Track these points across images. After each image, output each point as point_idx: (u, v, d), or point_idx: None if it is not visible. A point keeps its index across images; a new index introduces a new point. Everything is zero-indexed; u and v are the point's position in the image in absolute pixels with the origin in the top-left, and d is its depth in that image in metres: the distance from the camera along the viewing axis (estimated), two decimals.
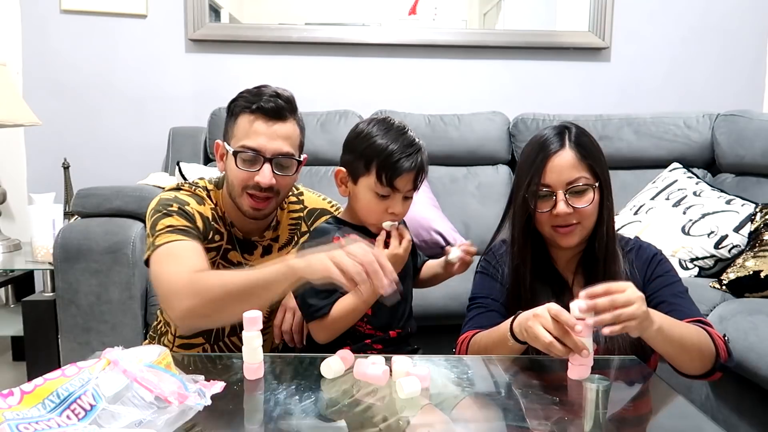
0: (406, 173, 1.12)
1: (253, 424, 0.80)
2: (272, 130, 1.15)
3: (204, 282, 1.03)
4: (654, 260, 1.18)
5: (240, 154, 1.15)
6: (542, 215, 1.13)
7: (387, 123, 1.15)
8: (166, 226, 1.12)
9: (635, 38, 2.66)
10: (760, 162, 2.10)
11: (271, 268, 1.00)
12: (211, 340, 1.27)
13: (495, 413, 0.86)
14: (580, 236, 1.13)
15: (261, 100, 1.15)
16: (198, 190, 1.23)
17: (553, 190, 1.11)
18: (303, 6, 2.63)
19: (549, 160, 1.11)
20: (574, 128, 1.14)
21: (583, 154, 1.11)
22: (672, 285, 1.15)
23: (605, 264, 1.14)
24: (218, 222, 1.23)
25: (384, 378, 0.90)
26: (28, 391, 0.72)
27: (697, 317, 1.09)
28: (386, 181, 1.11)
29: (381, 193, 1.13)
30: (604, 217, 1.13)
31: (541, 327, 0.93)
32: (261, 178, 1.14)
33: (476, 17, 2.71)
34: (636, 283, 1.13)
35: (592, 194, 1.11)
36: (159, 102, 2.57)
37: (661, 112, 2.45)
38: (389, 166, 1.11)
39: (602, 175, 1.13)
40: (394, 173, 1.11)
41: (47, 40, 2.51)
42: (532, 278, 1.16)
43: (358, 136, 1.16)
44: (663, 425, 0.88)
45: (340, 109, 2.46)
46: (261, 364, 0.93)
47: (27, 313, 1.85)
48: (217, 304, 1.01)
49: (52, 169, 2.47)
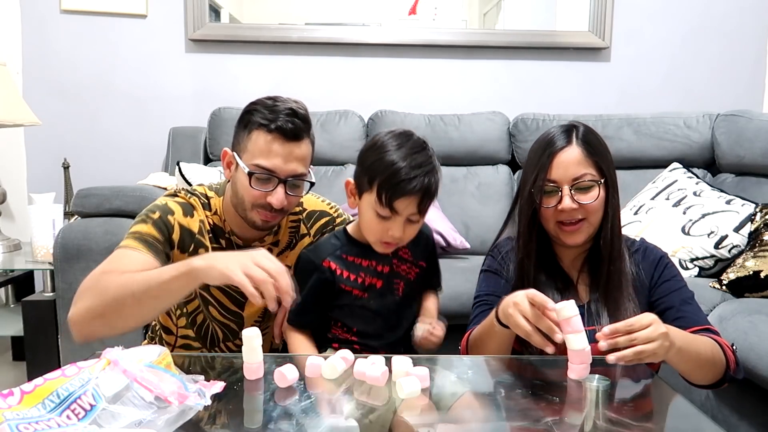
0: (407, 196, 1.05)
1: (253, 424, 0.80)
2: (288, 151, 1.13)
3: (106, 281, 1.01)
4: (661, 263, 1.17)
5: (255, 174, 1.13)
6: (547, 211, 1.13)
7: (403, 137, 1.09)
8: (135, 231, 1.12)
9: (635, 38, 2.66)
10: (760, 162, 2.10)
11: (170, 267, 0.99)
12: (207, 344, 1.27)
13: (495, 413, 0.86)
14: (586, 234, 1.14)
15: (278, 119, 1.11)
16: (193, 198, 1.21)
17: (558, 186, 1.11)
18: (303, 6, 2.63)
19: (555, 156, 1.11)
20: (582, 127, 1.15)
21: (589, 150, 1.12)
22: (679, 290, 1.14)
23: (610, 263, 1.13)
24: (209, 233, 1.21)
25: (383, 379, 0.90)
26: (28, 391, 0.72)
27: (705, 325, 1.09)
28: (386, 202, 1.05)
29: (381, 213, 1.07)
30: (609, 214, 1.13)
31: (520, 316, 0.94)
32: (274, 200, 1.13)
33: (476, 17, 2.71)
34: (641, 285, 1.14)
35: (597, 191, 1.11)
36: (159, 102, 2.58)
37: (661, 112, 2.45)
38: (390, 186, 1.04)
39: (608, 172, 1.13)
40: (394, 194, 1.04)
41: (47, 40, 2.51)
42: (537, 273, 1.16)
43: (371, 148, 1.11)
44: (663, 425, 0.87)
45: (340, 109, 2.46)
46: (261, 364, 0.93)
47: (27, 313, 1.86)
48: (113, 305, 0.99)
49: (52, 169, 2.47)
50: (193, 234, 1.19)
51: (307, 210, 1.35)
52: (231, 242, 1.24)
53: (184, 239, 1.18)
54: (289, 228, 1.32)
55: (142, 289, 0.97)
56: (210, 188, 1.26)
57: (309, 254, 1.18)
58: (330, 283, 1.15)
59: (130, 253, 1.09)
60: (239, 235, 1.24)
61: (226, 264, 0.93)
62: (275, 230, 1.29)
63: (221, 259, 0.95)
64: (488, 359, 1.05)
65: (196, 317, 1.26)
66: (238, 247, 1.24)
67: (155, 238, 1.12)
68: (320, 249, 1.18)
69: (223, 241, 1.23)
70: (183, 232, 1.17)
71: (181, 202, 1.20)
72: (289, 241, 1.31)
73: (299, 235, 1.33)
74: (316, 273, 1.15)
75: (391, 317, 1.19)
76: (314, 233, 1.34)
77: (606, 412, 0.85)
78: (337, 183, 2.37)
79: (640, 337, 0.89)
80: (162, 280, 0.97)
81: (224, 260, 0.94)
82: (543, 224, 1.16)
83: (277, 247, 1.30)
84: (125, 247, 1.10)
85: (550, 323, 0.92)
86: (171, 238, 1.16)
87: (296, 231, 1.32)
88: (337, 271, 1.15)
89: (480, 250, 2.06)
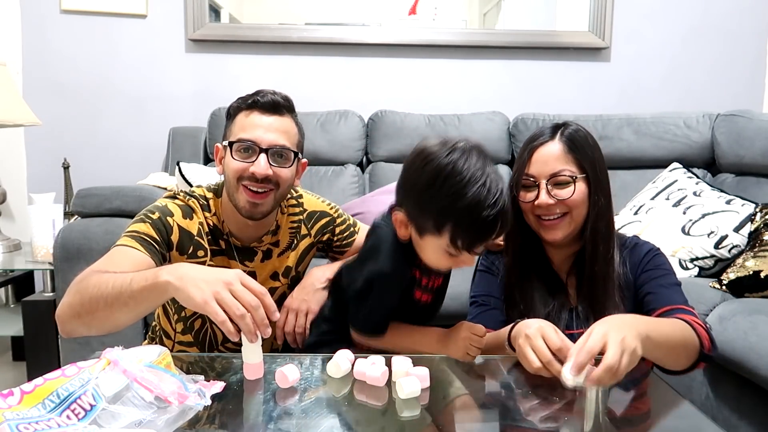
0: (488, 240, 0.96)
1: (253, 424, 0.80)
2: (268, 123, 1.15)
3: (88, 280, 0.98)
4: (647, 256, 1.16)
5: (235, 144, 1.15)
6: (526, 205, 1.14)
7: (462, 173, 0.92)
8: (134, 230, 1.12)
9: (635, 38, 2.66)
10: (760, 162, 2.10)
11: (143, 275, 0.92)
12: (205, 348, 1.27)
13: (495, 413, 0.86)
14: (566, 230, 1.13)
15: (257, 96, 1.16)
16: (192, 200, 1.21)
17: (536, 180, 1.12)
18: (303, 6, 2.63)
19: (535, 152, 1.12)
20: (572, 125, 1.15)
21: (570, 147, 1.11)
22: (660, 278, 1.12)
23: (593, 264, 1.12)
24: (208, 236, 1.21)
25: (383, 379, 0.90)
26: (28, 391, 0.72)
27: (680, 305, 1.07)
28: (463, 247, 0.94)
29: (453, 253, 0.96)
30: (590, 213, 1.12)
31: (530, 351, 0.91)
32: (256, 168, 1.13)
33: (476, 17, 2.71)
34: (627, 283, 1.12)
35: (574, 186, 1.10)
36: (159, 102, 2.58)
37: (661, 112, 2.45)
38: (469, 236, 0.93)
39: (591, 170, 1.12)
40: (474, 242, 0.94)
41: (47, 40, 2.51)
42: (526, 274, 1.16)
43: (429, 187, 0.93)
44: (663, 425, 0.87)
45: (340, 109, 2.46)
46: (261, 364, 0.92)
47: (27, 313, 1.86)
48: (88, 306, 0.96)
49: (52, 169, 2.47)
50: (192, 236, 1.19)
51: (308, 210, 1.35)
52: (229, 243, 1.24)
53: (183, 241, 1.17)
54: (290, 229, 1.32)
55: (114, 295, 0.93)
56: (209, 189, 1.26)
57: (400, 262, 1.03)
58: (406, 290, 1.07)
59: (126, 251, 1.08)
60: (237, 236, 1.24)
61: (197, 287, 0.85)
62: (274, 230, 1.29)
63: (192, 279, 0.87)
64: (488, 359, 1.05)
65: (193, 322, 1.25)
66: (236, 248, 1.24)
67: (152, 237, 1.12)
68: (402, 261, 1.04)
69: (222, 242, 1.23)
70: (182, 234, 1.17)
71: (180, 204, 1.20)
72: (289, 242, 1.31)
73: (300, 236, 1.33)
74: (403, 279, 1.04)
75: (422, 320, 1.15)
76: (315, 233, 1.35)
77: (606, 412, 0.85)
78: (337, 183, 2.38)
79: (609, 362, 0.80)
80: (132, 288, 0.91)
81: (195, 282, 0.86)
82: (525, 220, 1.16)
83: (278, 247, 1.30)
84: (121, 245, 1.10)
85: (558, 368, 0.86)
86: (170, 239, 1.15)
87: (297, 231, 1.32)
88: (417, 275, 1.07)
89: None
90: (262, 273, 1.27)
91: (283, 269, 1.30)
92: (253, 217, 1.18)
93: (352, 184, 2.39)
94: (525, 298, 1.16)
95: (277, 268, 1.29)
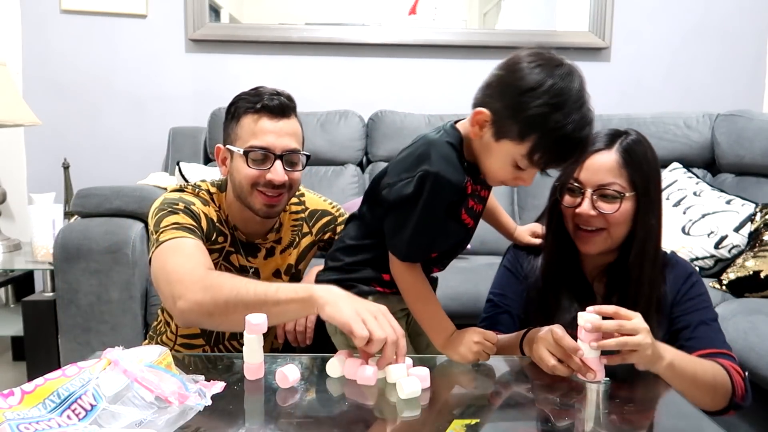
0: (564, 164, 0.96)
1: (253, 424, 0.80)
2: (279, 128, 1.15)
3: (218, 280, 1.01)
4: (689, 280, 1.11)
5: (250, 153, 1.14)
6: (567, 210, 1.10)
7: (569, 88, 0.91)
8: (172, 223, 1.11)
9: (635, 38, 2.66)
10: (760, 162, 2.10)
11: (290, 289, 0.97)
12: (211, 342, 1.27)
13: (495, 413, 0.86)
14: (602, 246, 1.08)
15: (263, 99, 1.14)
16: (201, 192, 1.22)
17: (582, 188, 1.07)
18: (303, 6, 2.63)
19: (590, 157, 1.06)
20: (633, 135, 1.08)
21: (626, 160, 1.04)
22: (701, 311, 1.09)
23: (641, 288, 1.06)
24: (222, 224, 1.23)
25: (373, 378, 0.90)
26: (28, 391, 0.72)
27: (717, 349, 1.05)
28: (538, 164, 0.93)
29: (522, 166, 0.94)
30: (639, 234, 1.06)
31: (545, 350, 0.94)
32: (274, 176, 1.13)
33: (476, 17, 2.71)
34: (664, 302, 1.09)
35: (620, 203, 1.04)
36: (159, 102, 2.58)
37: (661, 112, 2.45)
38: (553, 154, 0.91)
39: (642, 188, 1.05)
40: (552, 161, 0.93)
41: (47, 40, 2.51)
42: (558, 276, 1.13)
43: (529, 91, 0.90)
44: (663, 425, 0.87)
45: (340, 109, 2.46)
46: (261, 364, 0.92)
47: (27, 313, 1.85)
48: (224, 307, 0.98)
49: (52, 169, 2.47)
50: (213, 222, 1.20)
51: (309, 209, 1.35)
52: (234, 237, 1.24)
53: (210, 227, 1.18)
54: (292, 227, 1.32)
55: (256, 303, 0.96)
56: (212, 184, 1.27)
57: (456, 166, 0.98)
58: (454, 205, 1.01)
59: (188, 242, 1.08)
60: (242, 230, 1.25)
61: (348, 305, 0.91)
62: (277, 228, 1.30)
63: (344, 298, 0.93)
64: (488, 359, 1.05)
65: None
66: (241, 242, 1.25)
67: (192, 225, 1.12)
68: (457, 167, 0.98)
69: (228, 235, 1.24)
70: (208, 221, 1.18)
71: (193, 194, 1.21)
72: (291, 240, 1.32)
73: (302, 234, 1.33)
74: (457, 187, 0.98)
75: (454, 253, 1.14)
76: (316, 232, 1.35)
77: (606, 411, 0.85)
78: (337, 183, 2.38)
79: (626, 325, 0.89)
80: (278, 299, 0.96)
81: (347, 302, 0.92)
82: (564, 223, 1.12)
83: (280, 244, 1.30)
84: (176, 238, 1.08)
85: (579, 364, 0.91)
86: (200, 225, 1.16)
87: (299, 229, 1.33)
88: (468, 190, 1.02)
89: (480, 250, 2.05)
90: (265, 270, 1.28)
91: (285, 267, 1.31)
92: (270, 216, 1.21)
93: (352, 184, 2.39)
94: (553, 302, 1.13)
95: (279, 265, 1.30)
